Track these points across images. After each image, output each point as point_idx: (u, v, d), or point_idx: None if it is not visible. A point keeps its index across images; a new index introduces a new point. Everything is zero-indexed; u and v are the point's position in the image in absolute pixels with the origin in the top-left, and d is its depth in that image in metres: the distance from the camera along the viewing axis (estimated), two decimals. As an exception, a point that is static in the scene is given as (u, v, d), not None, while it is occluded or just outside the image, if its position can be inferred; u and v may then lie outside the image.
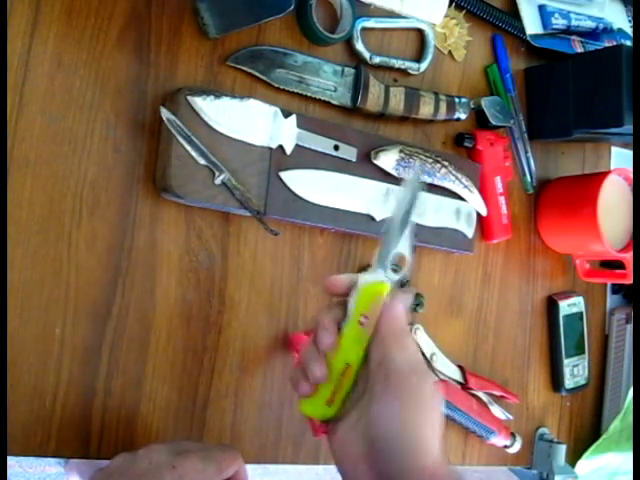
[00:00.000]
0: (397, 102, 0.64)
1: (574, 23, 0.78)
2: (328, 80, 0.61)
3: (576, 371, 0.79)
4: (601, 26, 0.80)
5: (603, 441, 0.81)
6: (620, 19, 0.83)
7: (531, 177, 0.77)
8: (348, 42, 0.63)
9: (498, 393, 0.72)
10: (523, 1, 0.75)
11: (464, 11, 0.71)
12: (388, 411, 0.43)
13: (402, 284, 0.47)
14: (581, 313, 0.80)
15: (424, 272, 0.69)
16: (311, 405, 0.46)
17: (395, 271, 0.46)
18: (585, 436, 0.82)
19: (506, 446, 0.72)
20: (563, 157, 0.81)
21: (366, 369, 0.45)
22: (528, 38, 0.75)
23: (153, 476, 0.42)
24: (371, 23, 0.64)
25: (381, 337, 0.45)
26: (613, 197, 0.73)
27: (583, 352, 0.80)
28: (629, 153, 0.86)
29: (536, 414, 0.78)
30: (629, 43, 0.82)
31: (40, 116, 0.49)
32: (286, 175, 0.56)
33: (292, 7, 0.57)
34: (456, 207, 0.67)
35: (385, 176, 0.62)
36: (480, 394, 0.70)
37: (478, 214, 0.69)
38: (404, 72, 0.67)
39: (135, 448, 0.45)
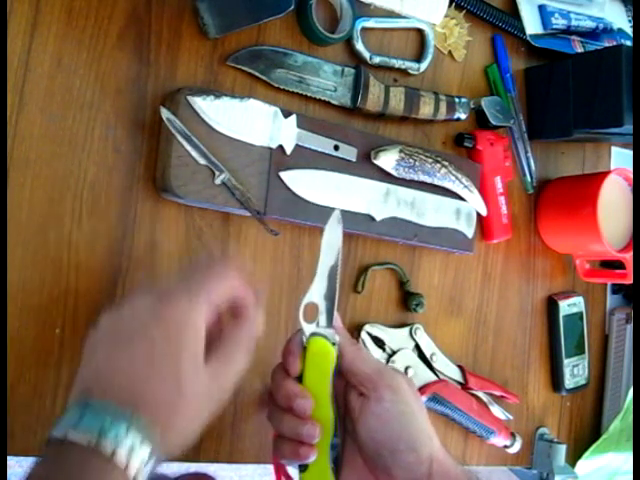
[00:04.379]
0: (397, 102, 0.64)
1: (574, 23, 0.78)
2: (328, 80, 0.61)
3: (576, 371, 0.79)
4: (601, 26, 0.80)
5: (603, 441, 0.81)
6: (620, 19, 0.83)
7: (531, 177, 0.77)
8: (348, 42, 0.63)
9: (498, 393, 0.72)
10: (523, 1, 0.75)
11: (464, 11, 0.71)
12: (378, 414, 0.44)
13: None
14: (581, 313, 0.80)
15: (424, 272, 0.69)
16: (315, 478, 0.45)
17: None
18: (585, 436, 0.82)
19: (506, 446, 0.72)
20: (563, 157, 0.81)
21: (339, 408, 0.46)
22: (528, 38, 0.75)
23: (138, 331, 0.38)
24: (371, 23, 0.64)
25: (341, 358, 0.46)
26: (613, 197, 0.73)
27: (583, 352, 0.80)
28: (629, 153, 0.86)
29: (536, 414, 0.78)
30: (629, 43, 0.82)
31: (40, 116, 0.49)
32: (286, 175, 0.56)
33: (292, 7, 0.57)
34: (456, 207, 0.67)
35: (385, 176, 0.62)
36: (480, 394, 0.70)
37: (478, 214, 0.69)
38: (404, 72, 0.67)
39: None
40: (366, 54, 0.63)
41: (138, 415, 0.36)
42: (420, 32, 0.68)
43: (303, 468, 0.45)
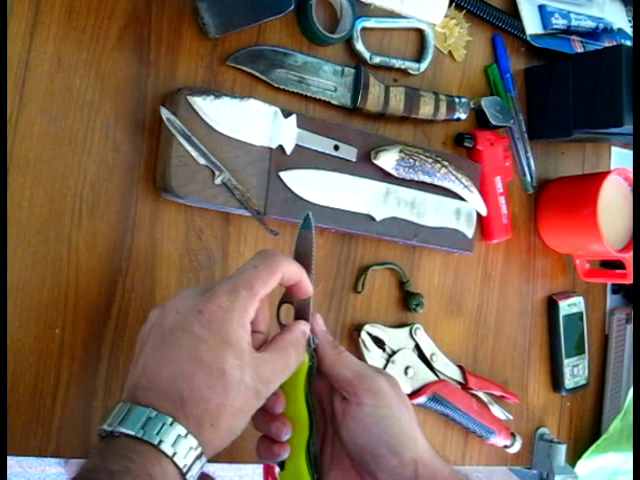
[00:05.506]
0: (397, 102, 0.64)
1: (574, 23, 0.78)
2: (328, 80, 0.61)
3: (576, 371, 0.79)
4: (601, 26, 0.80)
5: (603, 441, 0.81)
6: (620, 19, 0.83)
7: (531, 177, 0.77)
8: (348, 42, 0.63)
9: (498, 393, 0.72)
10: (523, 1, 0.75)
11: (464, 11, 0.71)
12: (358, 419, 0.44)
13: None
14: (581, 313, 0.80)
15: (424, 272, 0.69)
16: (291, 475, 0.45)
17: None
18: (585, 436, 0.82)
19: (506, 446, 0.72)
20: (563, 157, 0.81)
21: (318, 410, 0.47)
22: (528, 38, 0.75)
23: (182, 327, 0.39)
24: (371, 23, 0.64)
25: (322, 362, 0.46)
26: (613, 197, 0.73)
27: (583, 352, 0.80)
28: (629, 153, 0.86)
29: (536, 414, 0.78)
30: (629, 43, 0.82)
31: (40, 116, 0.49)
32: (286, 175, 0.57)
33: (292, 7, 0.57)
34: (456, 207, 0.67)
35: (385, 176, 0.62)
36: (480, 394, 0.70)
37: (478, 214, 0.69)
38: (404, 72, 0.67)
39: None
40: (366, 54, 0.63)
41: (184, 412, 0.36)
42: (420, 32, 0.68)
43: (282, 466, 0.45)
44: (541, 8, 0.76)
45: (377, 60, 0.64)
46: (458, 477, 0.44)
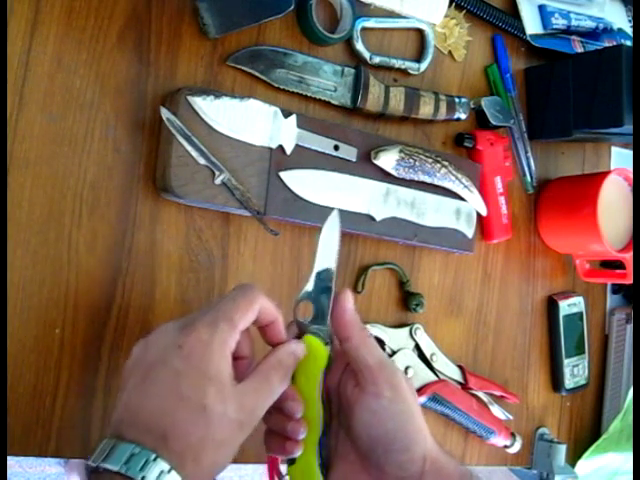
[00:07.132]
0: (397, 102, 0.64)
1: (574, 23, 0.78)
2: (328, 80, 0.61)
3: (576, 371, 0.79)
4: (601, 26, 0.80)
5: (603, 441, 0.81)
6: (620, 19, 0.83)
7: (531, 177, 0.77)
8: (348, 42, 0.63)
9: (498, 393, 0.72)
10: (523, 1, 0.75)
11: (464, 11, 0.71)
12: (374, 411, 0.44)
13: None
14: (581, 313, 0.80)
15: (424, 272, 0.69)
16: (301, 472, 0.45)
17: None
18: (585, 436, 0.82)
19: (506, 446, 0.72)
20: (563, 157, 0.81)
21: (330, 400, 0.47)
22: (528, 38, 0.75)
23: (162, 362, 0.39)
24: (371, 23, 0.64)
25: (348, 341, 0.45)
26: (613, 197, 0.73)
27: (583, 352, 0.80)
28: (629, 153, 0.86)
29: (536, 414, 0.78)
30: (629, 43, 0.82)
31: (40, 116, 0.49)
32: (286, 175, 0.57)
33: (292, 7, 0.57)
34: (456, 207, 0.67)
35: (385, 176, 0.62)
36: (480, 394, 0.70)
37: (478, 214, 0.69)
38: (404, 72, 0.67)
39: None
40: (366, 54, 0.63)
41: (166, 447, 0.36)
42: (420, 32, 0.68)
43: (291, 462, 0.45)
44: (541, 8, 0.77)
45: (377, 60, 0.64)
46: (462, 472, 0.44)
